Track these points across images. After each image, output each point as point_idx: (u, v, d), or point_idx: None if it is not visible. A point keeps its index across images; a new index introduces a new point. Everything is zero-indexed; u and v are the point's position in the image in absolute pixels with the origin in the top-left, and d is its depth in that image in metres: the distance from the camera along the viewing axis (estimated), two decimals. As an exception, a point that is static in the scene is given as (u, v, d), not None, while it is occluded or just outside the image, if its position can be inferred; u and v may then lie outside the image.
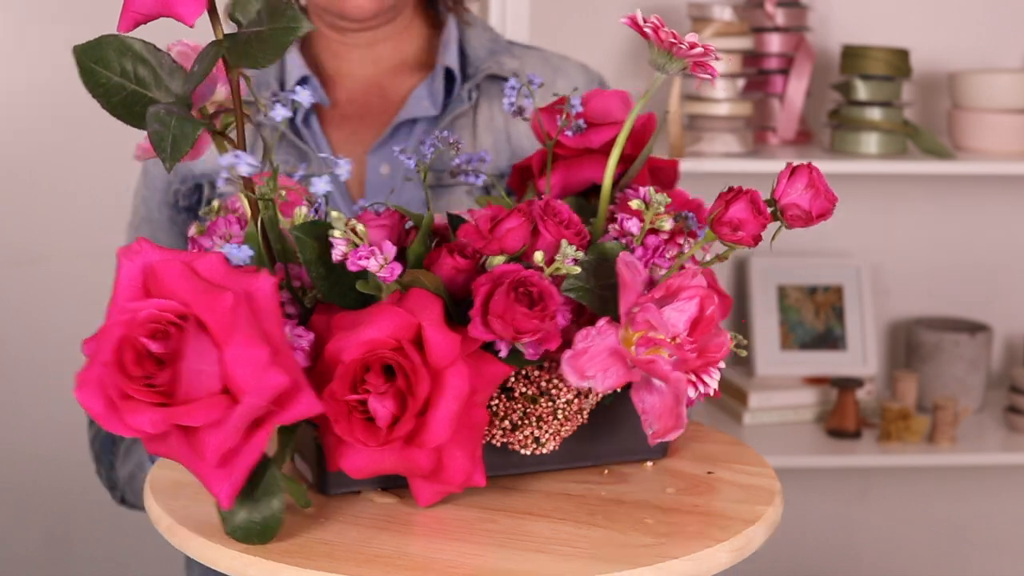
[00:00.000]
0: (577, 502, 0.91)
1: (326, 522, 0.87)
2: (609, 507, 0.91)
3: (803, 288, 2.48)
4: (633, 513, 0.89)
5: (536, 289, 0.86)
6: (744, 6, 2.38)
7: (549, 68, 1.43)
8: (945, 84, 2.46)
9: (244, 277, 0.81)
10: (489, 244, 0.90)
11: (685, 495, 0.93)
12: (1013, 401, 2.41)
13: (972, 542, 2.59)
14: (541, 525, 0.87)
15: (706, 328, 0.87)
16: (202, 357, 0.77)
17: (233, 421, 0.77)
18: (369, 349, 0.83)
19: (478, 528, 0.87)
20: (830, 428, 2.35)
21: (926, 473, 2.53)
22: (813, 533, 2.55)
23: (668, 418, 0.87)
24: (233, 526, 0.82)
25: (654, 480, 0.96)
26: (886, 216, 2.52)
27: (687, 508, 0.91)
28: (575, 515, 0.89)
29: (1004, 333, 2.56)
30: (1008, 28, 2.49)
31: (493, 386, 0.88)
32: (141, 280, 0.80)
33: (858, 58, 2.30)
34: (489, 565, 0.81)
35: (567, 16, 2.38)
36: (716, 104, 2.24)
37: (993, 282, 2.55)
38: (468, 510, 0.89)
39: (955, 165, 2.27)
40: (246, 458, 0.79)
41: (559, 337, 0.88)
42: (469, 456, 0.87)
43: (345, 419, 0.83)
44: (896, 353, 2.56)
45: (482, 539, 0.85)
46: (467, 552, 0.83)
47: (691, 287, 0.87)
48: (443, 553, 0.82)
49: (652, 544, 0.84)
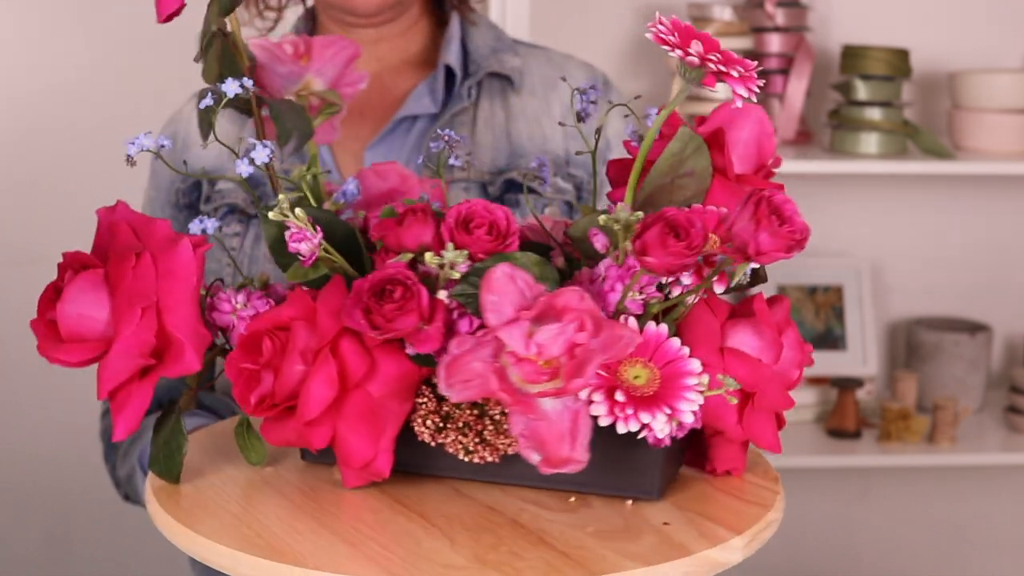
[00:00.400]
0: (483, 523, 0.87)
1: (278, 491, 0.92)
2: (508, 537, 0.85)
3: (803, 288, 2.48)
4: (528, 551, 0.83)
5: (401, 289, 0.87)
6: (744, 6, 2.38)
7: (553, 67, 1.43)
8: (945, 84, 2.46)
9: (170, 244, 0.91)
10: (389, 238, 0.91)
11: (599, 539, 0.85)
12: (1013, 401, 2.41)
13: (972, 542, 2.59)
14: (412, 530, 0.86)
15: (585, 356, 0.81)
16: (96, 306, 0.92)
17: (111, 364, 0.89)
18: (268, 324, 0.91)
19: (358, 518, 0.88)
20: (830, 428, 2.35)
21: (926, 473, 2.53)
22: (813, 533, 2.55)
23: (557, 447, 0.83)
24: (152, 464, 0.94)
25: (604, 518, 0.89)
26: (886, 216, 2.52)
27: (576, 555, 0.83)
28: (459, 533, 0.86)
29: (1004, 333, 2.56)
30: (1008, 28, 2.49)
31: (404, 382, 0.89)
32: (106, 233, 0.97)
33: (858, 58, 2.30)
34: (311, 551, 0.83)
35: (567, 16, 2.38)
36: (716, 104, 2.23)
37: (993, 282, 2.55)
38: (379, 501, 0.91)
39: (955, 165, 2.27)
40: (136, 400, 0.90)
41: (439, 340, 0.87)
42: (370, 443, 0.89)
43: (243, 385, 0.91)
44: (896, 353, 2.56)
45: (346, 530, 0.86)
46: (319, 539, 0.85)
47: (574, 309, 0.82)
48: (301, 534, 0.85)
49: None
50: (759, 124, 0.96)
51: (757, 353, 0.92)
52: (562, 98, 1.40)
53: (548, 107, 1.40)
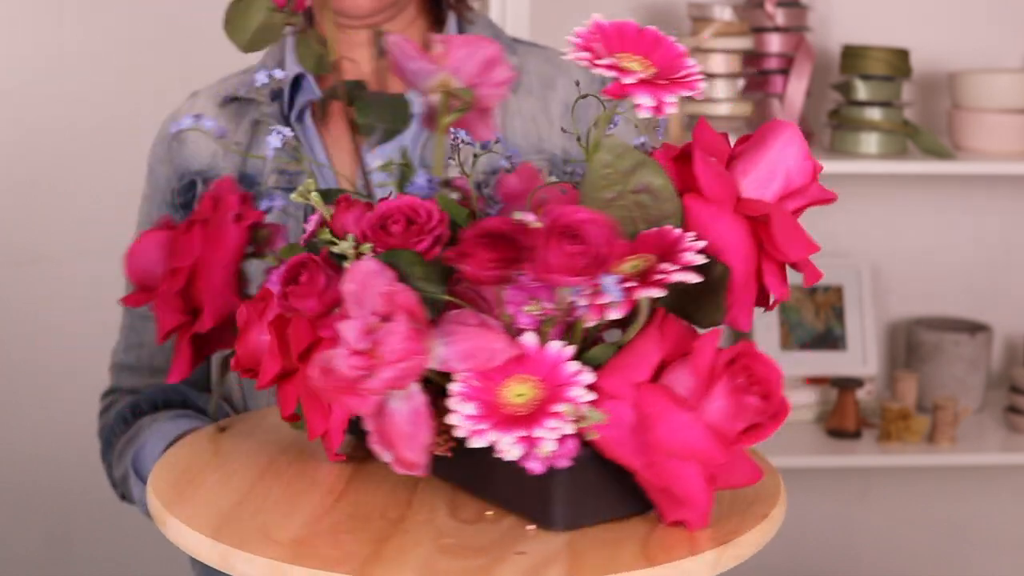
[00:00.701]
0: (372, 513, 0.89)
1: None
2: (363, 529, 0.86)
3: (803, 288, 2.48)
4: (354, 546, 0.84)
5: (307, 273, 0.92)
6: (744, 6, 2.38)
7: (551, 66, 1.43)
8: (945, 84, 2.46)
9: (220, 216, 1.02)
10: (333, 224, 0.95)
11: (441, 552, 0.83)
12: (1013, 401, 2.41)
13: (972, 542, 2.59)
14: (302, 506, 0.90)
15: (404, 357, 0.80)
16: (155, 263, 1.06)
17: (158, 314, 1.03)
18: (264, 292, 0.99)
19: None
20: (830, 428, 2.35)
21: (926, 473, 2.53)
22: (813, 533, 2.55)
23: (401, 448, 0.83)
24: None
25: (480, 536, 0.86)
26: (886, 216, 2.52)
27: (385, 556, 0.82)
28: (341, 524, 0.87)
29: (1004, 333, 2.56)
30: (1008, 28, 2.49)
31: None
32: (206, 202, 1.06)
33: (858, 58, 2.30)
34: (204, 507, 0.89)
35: (567, 16, 2.37)
36: (716, 104, 2.24)
37: (993, 282, 2.55)
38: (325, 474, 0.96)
39: (955, 165, 2.27)
40: (181, 353, 1.04)
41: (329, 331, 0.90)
42: (320, 417, 0.92)
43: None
44: (896, 353, 2.56)
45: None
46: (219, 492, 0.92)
47: (411, 312, 0.82)
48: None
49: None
50: (786, 144, 0.88)
51: (688, 394, 0.83)
52: (561, 97, 1.40)
53: (545, 106, 1.40)
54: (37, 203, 2.36)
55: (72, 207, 2.36)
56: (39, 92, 2.34)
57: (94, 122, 2.35)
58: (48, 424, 2.36)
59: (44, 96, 2.34)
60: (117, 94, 2.33)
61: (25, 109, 2.34)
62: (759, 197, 0.87)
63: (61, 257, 2.37)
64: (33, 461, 2.39)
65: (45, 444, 2.37)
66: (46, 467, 2.38)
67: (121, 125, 2.27)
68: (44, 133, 2.35)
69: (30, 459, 2.38)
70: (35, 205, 2.36)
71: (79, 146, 2.34)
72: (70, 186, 2.35)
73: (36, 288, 2.37)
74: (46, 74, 2.34)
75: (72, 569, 2.43)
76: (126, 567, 2.41)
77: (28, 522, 2.41)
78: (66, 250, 2.36)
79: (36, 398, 2.37)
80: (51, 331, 2.35)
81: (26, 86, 2.34)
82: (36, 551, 2.42)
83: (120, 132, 2.26)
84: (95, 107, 2.34)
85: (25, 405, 2.38)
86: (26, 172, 2.35)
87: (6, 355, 2.37)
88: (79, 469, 2.06)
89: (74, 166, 2.35)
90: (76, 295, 2.33)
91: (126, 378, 1.42)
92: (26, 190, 2.36)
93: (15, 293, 2.38)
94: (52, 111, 2.34)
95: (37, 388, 2.36)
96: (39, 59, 2.34)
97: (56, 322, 2.35)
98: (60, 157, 2.35)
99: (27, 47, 2.33)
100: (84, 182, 2.34)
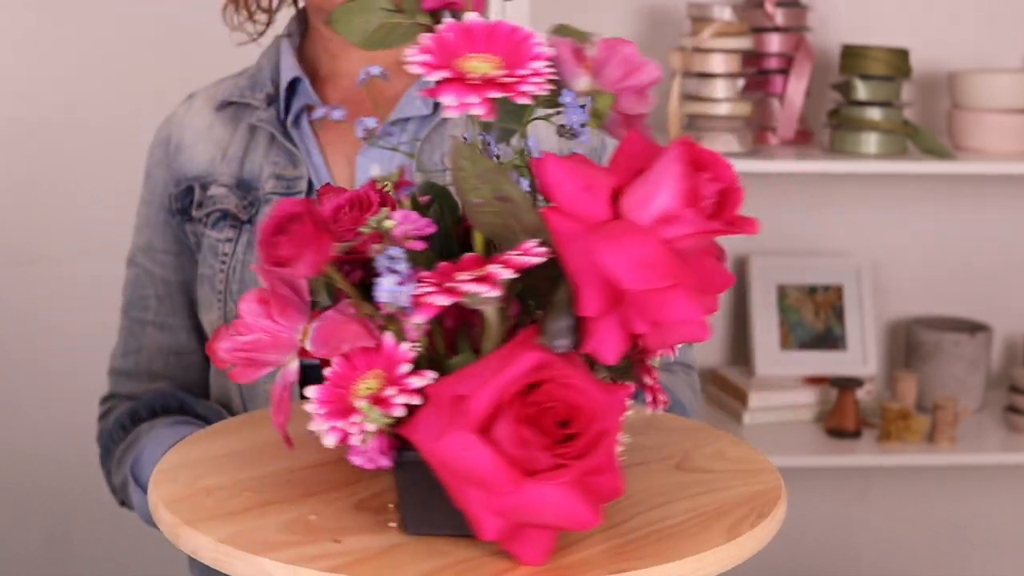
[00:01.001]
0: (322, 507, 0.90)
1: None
2: (276, 513, 0.88)
3: (803, 288, 2.48)
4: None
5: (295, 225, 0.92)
6: (744, 6, 2.38)
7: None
8: (945, 84, 2.46)
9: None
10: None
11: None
12: (1013, 401, 2.41)
13: (972, 542, 2.59)
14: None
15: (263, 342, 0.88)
16: None
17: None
18: None
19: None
20: (830, 428, 2.35)
21: (926, 473, 2.53)
22: (813, 533, 2.56)
23: (273, 415, 0.90)
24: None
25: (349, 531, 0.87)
26: (886, 216, 2.52)
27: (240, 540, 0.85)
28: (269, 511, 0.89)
29: (1004, 333, 2.56)
30: (1008, 28, 2.49)
31: None
32: None
33: (858, 58, 2.30)
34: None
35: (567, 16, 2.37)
36: (716, 104, 2.24)
37: (993, 282, 2.56)
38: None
39: (955, 165, 2.27)
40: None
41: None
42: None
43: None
44: (896, 353, 2.56)
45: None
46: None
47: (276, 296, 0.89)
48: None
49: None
50: (669, 162, 0.82)
51: (483, 416, 0.80)
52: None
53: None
54: (37, 203, 2.36)
55: (72, 207, 2.36)
56: (39, 92, 2.34)
57: (94, 122, 2.35)
58: (48, 424, 2.36)
59: (44, 96, 2.34)
60: (117, 94, 2.33)
61: (25, 109, 2.34)
62: (634, 220, 0.81)
63: (61, 257, 2.37)
64: (33, 461, 2.39)
65: (45, 444, 2.37)
66: (46, 467, 2.38)
67: (121, 125, 2.26)
68: (44, 133, 2.35)
69: (30, 459, 2.38)
70: (35, 205, 2.36)
71: (79, 146, 2.34)
72: (70, 186, 2.35)
73: (36, 288, 2.37)
74: (46, 74, 2.34)
75: (72, 569, 2.43)
76: (126, 567, 2.41)
77: (28, 522, 2.41)
78: (66, 250, 2.36)
79: (36, 398, 2.37)
80: (51, 331, 2.35)
81: (26, 86, 2.34)
82: (36, 551, 2.42)
83: (120, 132, 2.26)
84: (95, 107, 2.34)
85: (25, 405, 2.38)
86: (26, 172, 2.35)
87: (6, 355, 2.37)
88: (79, 469, 2.06)
89: (74, 166, 2.35)
90: (76, 295, 2.33)
91: (124, 384, 1.41)
92: (26, 190, 2.36)
93: (15, 293, 2.38)
94: (52, 111, 2.34)
95: (37, 388, 2.36)
96: (39, 59, 2.34)
97: (56, 322, 2.35)
98: (60, 157, 2.35)
99: (27, 47, 2.33)
100: (84, 182, 2.34)
